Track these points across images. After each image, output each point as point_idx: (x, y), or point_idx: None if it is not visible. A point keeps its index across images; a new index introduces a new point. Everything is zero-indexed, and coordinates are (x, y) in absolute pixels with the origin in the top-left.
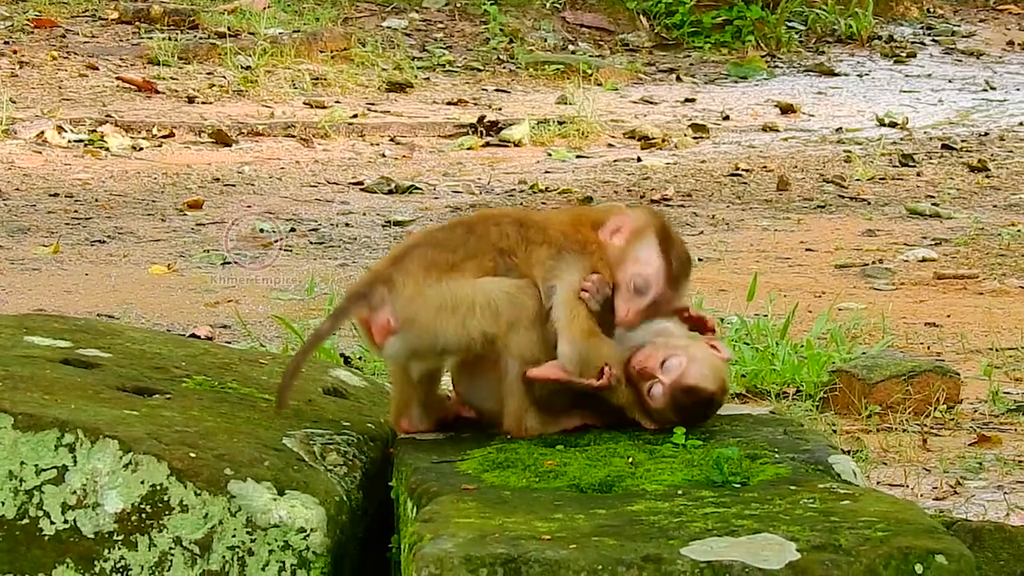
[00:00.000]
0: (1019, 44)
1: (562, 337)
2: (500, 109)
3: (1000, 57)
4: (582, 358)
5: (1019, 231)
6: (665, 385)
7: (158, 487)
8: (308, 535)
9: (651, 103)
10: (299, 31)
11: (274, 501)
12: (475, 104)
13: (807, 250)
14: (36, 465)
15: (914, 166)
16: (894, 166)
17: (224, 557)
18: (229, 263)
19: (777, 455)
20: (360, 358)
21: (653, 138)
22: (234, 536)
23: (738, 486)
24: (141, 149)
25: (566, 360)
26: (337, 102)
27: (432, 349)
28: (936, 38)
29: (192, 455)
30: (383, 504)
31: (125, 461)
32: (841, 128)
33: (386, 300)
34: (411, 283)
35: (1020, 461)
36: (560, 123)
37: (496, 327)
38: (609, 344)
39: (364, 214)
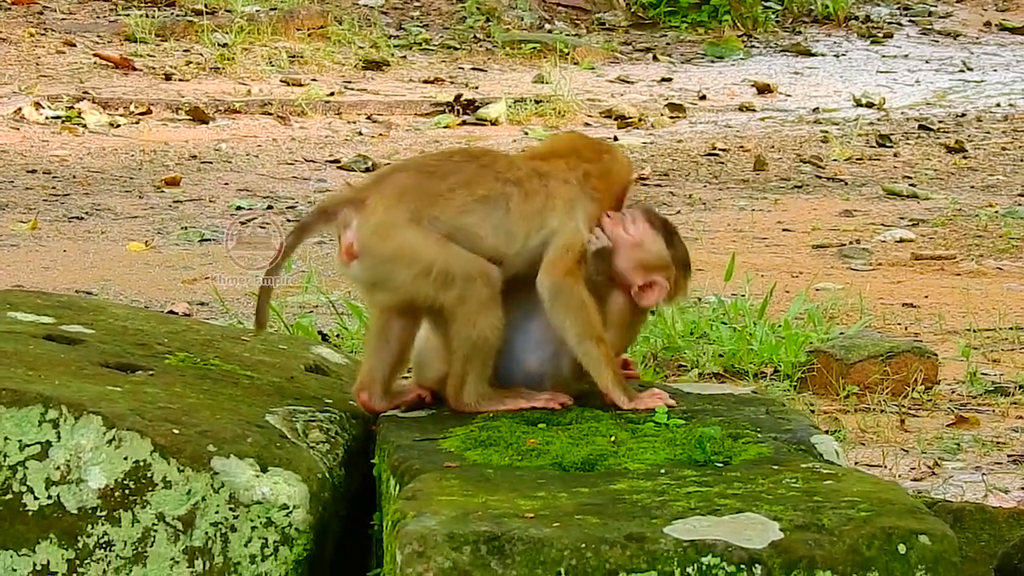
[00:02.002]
0: (996, 25)
1: (546, 269)
2: (477, 88)
3: (977, 38)
4: (555, 291)
5: (996, 212)
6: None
7: (141, 463)
8: (291, 512)
9: (627, 82)
10: (276, 9)
11: (257, 478)
12: (452, 83)
13: (784, 230)
14: (20, 440)
15: (891, 146)
16: (871, 146)
17: (207, 533)
18: (207, 240)
19: (759, 435)
20: (338, 335)
21: (630, 117)
22: (217, 512)
23: (720, 465)
24: (118, 126)
25: (543, 288)
26: (314, 80)
27: (388, 286)
28: (913, 19)
29: (175, 431)
30: (365, 481)
31: (108, 437)
32: (818, 108)
33: (352, 222)
34: (381, 210)
35: (998, 442)
36: (537, 102)
37: (445, 296)
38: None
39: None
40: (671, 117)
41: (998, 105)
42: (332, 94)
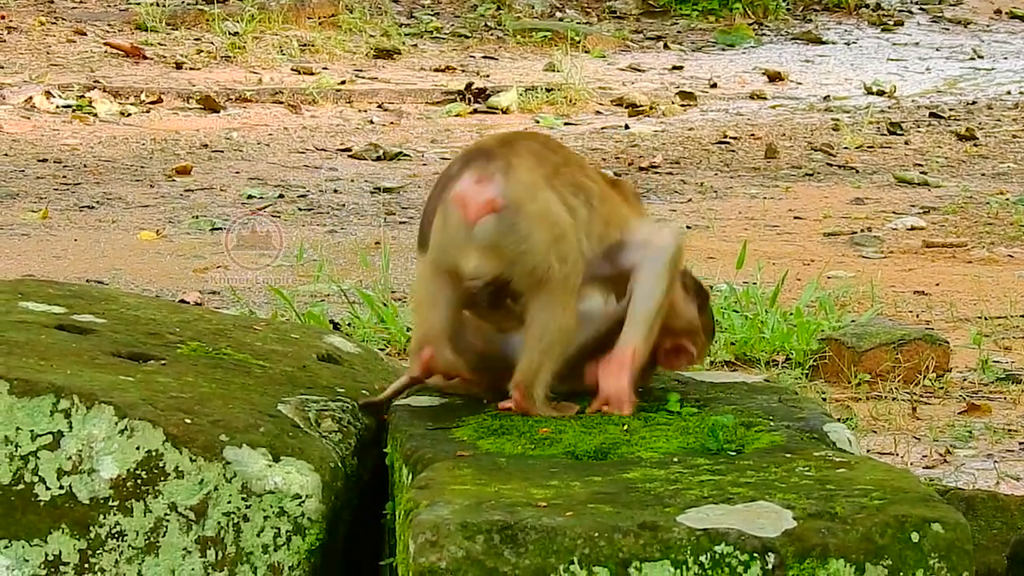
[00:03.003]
0: (1006, 12)
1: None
2: (488, 76)
3: (988, 25)
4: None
5: (1007, 200)
6: None
7: (153, 453)
8: (303, 501)
9: (639, 70)
10: None
11: (269, 467)
12: (463, 71)
13: (795, 218)
14: (31, 431)
15: (902, 134)
16: (882, 134)
17: (219, 523)
18: (218, 229)
19: (772, 423)
20: (349, 324)
21: (641, 105)
22: (229, 502)
23: (733, 454)
24: (129, 115)
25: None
26: (325, 68)
27: (520, 246)
28: (923, 6)
29: (187, 421)
30: (378, 470)
31: (120, 427)
32: (829, 96)
33: (495, 175)
34: (524, 169)
35: (1010, 430)
36: (548, 90)
37: (559, 271)
38: None
39: (352, 180)
40: (682, 105)
41: (1009, 93)
42: (343, 83)
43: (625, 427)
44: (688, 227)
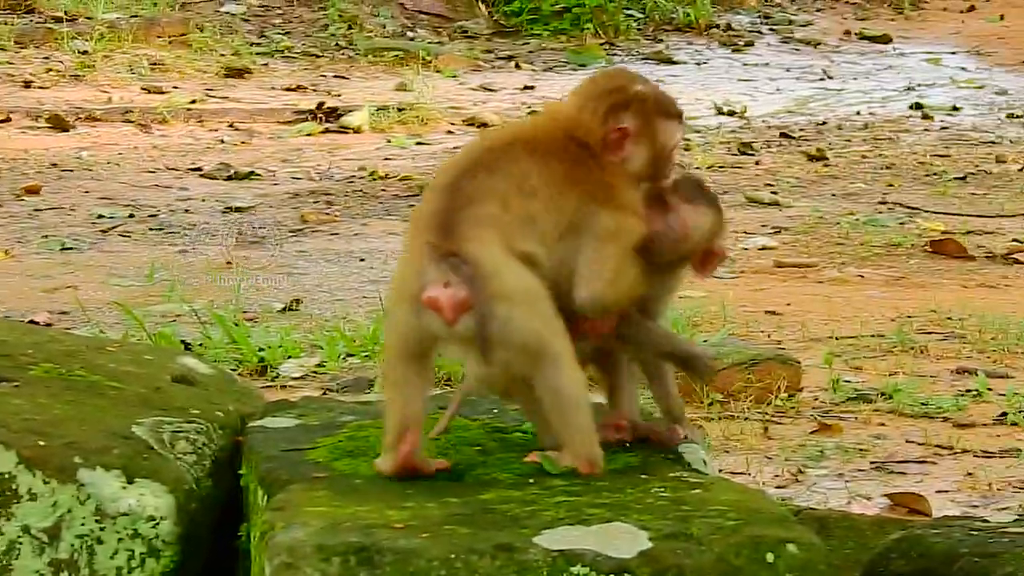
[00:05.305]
0: (856, 34)
1: None
2: (339, 95)
3: (837, 46)
4: None
5: (857, 220)
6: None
7: (6, 475)
8: (158, 523)
9: (490, 90)
10: (137, 16)
11: (123, 489)
12: (314, 90)
13: None
14: None
15: (753, 155)
16: (733, 154)
17: (73, 546)
18: (68, 249)
19: (627, 444)
20: (201, 344)
21: (492, 125)
22: (83, 525)
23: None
24: None
25: None
26: (175, 87)
27: (500, 334)
28: (773, 27)
29: (41, 443)
30: (233, 492)
31: None
32: None
33: (462, 274)
34: (487, 254)
35: (860, 449)
36: (399, 110)
37: (550, 330)
38: None
39: (203, 200)
40: None
41: (858, 113)
42: (194, 102)
43: (481, 448)
44: None
